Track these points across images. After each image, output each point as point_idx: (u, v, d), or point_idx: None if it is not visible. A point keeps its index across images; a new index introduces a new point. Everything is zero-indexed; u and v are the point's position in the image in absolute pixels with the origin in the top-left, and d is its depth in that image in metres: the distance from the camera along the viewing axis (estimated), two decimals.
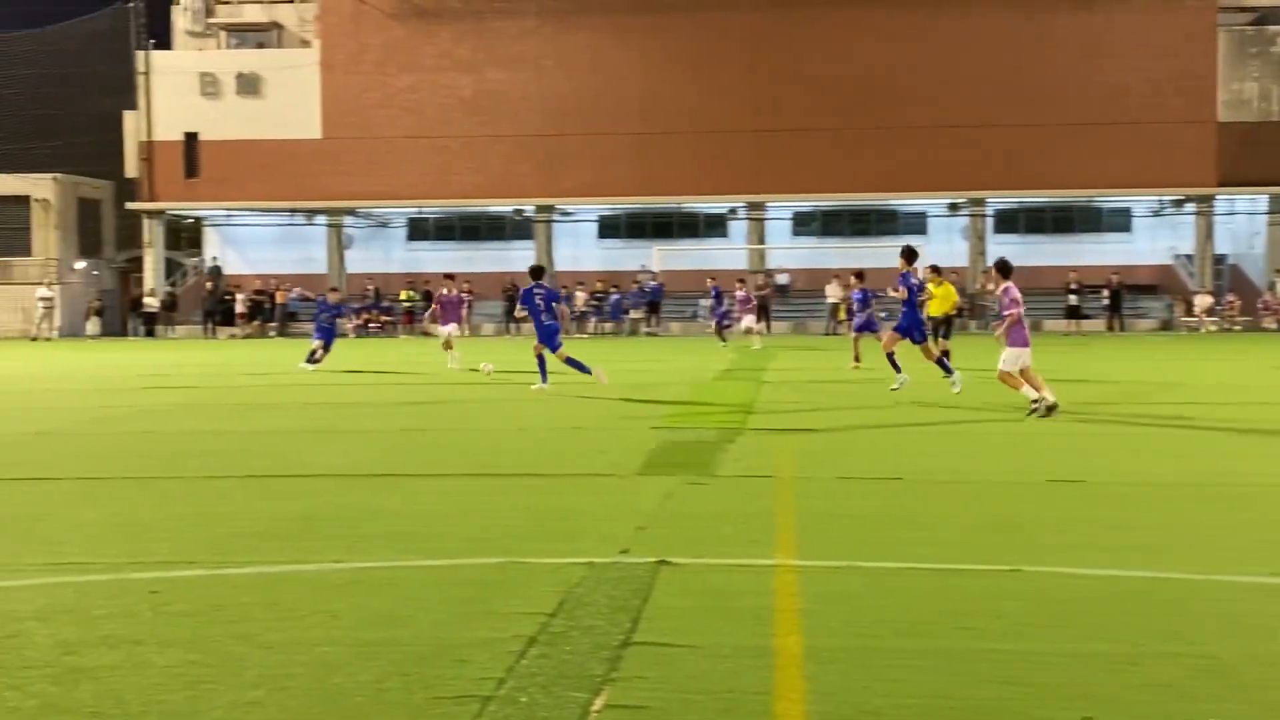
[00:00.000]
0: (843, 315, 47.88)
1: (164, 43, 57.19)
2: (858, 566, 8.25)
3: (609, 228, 57.61)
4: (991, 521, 9.88)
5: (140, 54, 55.50)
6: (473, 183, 54.28)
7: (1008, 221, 56.89)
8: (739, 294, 38.51)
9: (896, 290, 20.86)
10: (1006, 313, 17.30)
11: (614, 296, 52.73)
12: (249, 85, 54.71)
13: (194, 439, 16.07)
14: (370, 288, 54.20)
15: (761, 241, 55.82)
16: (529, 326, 22.76)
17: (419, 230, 58.11)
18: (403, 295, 53.35)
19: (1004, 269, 17.90)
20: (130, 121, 55.31)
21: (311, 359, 28.48)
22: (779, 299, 53.85)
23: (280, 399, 21.82)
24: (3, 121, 58.40)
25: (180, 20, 57.49)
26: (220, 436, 16.33)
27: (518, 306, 22.72)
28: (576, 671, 6.08)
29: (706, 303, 54.33)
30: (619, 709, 5.60)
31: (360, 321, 52.14)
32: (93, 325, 52.57)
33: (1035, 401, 16.90)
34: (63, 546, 9.19)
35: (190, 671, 6.16)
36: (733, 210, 56.19)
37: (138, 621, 7.08)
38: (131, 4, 56.07)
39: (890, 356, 20.92)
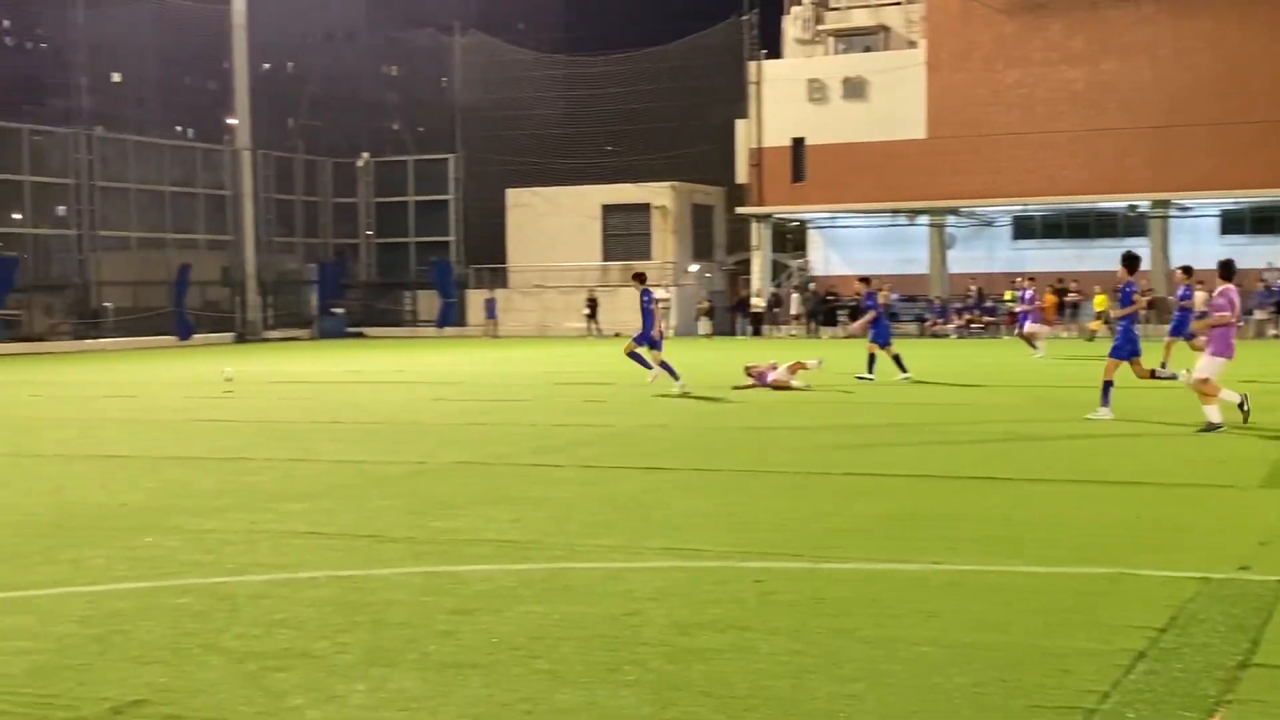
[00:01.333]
0: None
1: (774, 52, 59.31)
2: None
3: (1232, 222, 54.00)
4: None
5: (752, 64, 57.86)
6: (1082, 178, 52.57)
7: None
8: (1025, 294, 35.34)
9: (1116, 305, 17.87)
10: (1218, 314, 15.71)
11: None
12: (855, 89, 55.72)
13: (793, 435, 16.58)
14: (973, 288, 53.79)
15: None
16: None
17: (1024, 229, 56.96)
18: (1006, 295, 52.58)
19: (1225, 271, 16.01)
20: (741, 130, 57.76)
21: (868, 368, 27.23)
22: None
23: (863, 397, 22.06)
24: (629, 134, 62.73)
25: (790, 29, 59.36)
26: (817, 432, 16.73)
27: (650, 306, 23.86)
28: (1187, 690, 5.76)
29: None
30: None
31: (963, 322, 51.87)
32: (703, 325, 55.30)
33: (1212, 426, 15.49)
34: (677, 533, 9.75)
35: (793, 661, 6.35)
36: None
37: (744, 608, 7.39)
38: (745, 17, 58.58)
39: (1108, 385, 17.59)
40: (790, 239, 63.05)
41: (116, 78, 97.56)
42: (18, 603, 7.80)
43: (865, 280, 28.07)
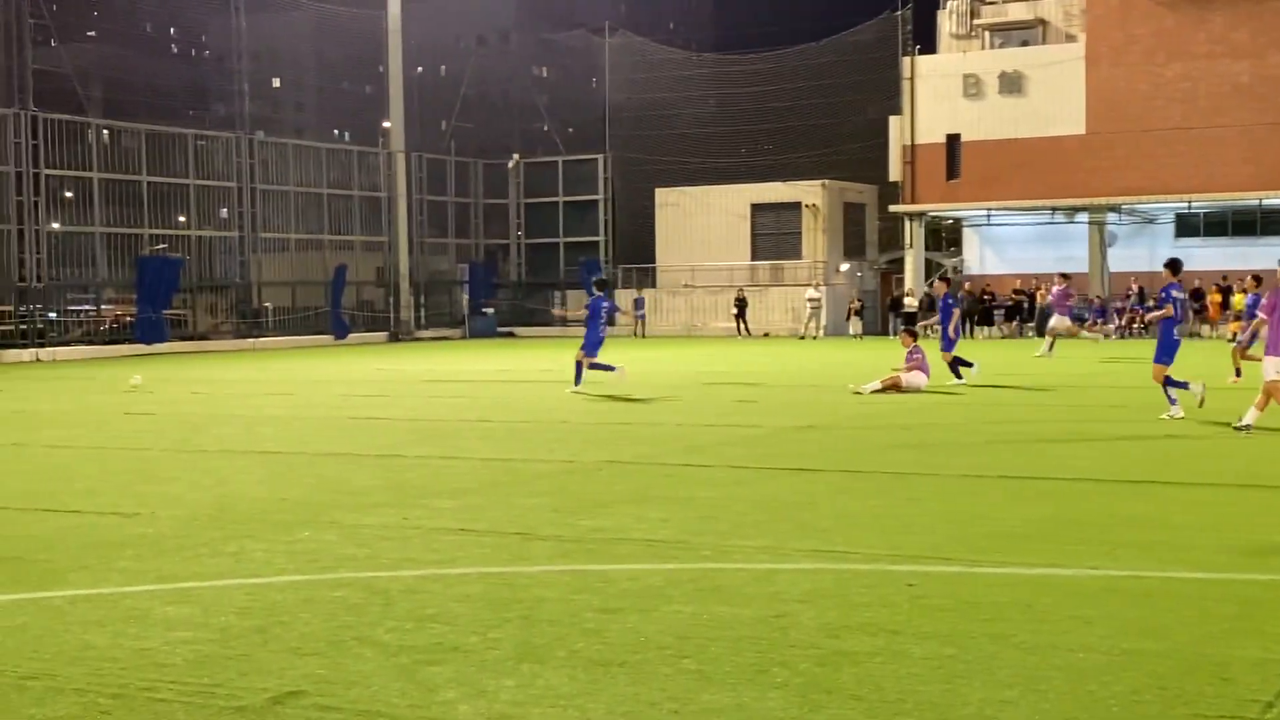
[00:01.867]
0: None
1: (929, 47, 58.60)
2: None
3: None
4: None
5: (906, 60, 57.20)
6: (1248, 174, 51.02)
7: None
8: (1055, 290, 33.83)
9: (1160, 309, 17.88)
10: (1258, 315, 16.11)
11: None
12: (1011, 84, 54.78)
13: (944, 435, 16.34)
14: (1135, 286, 52.52)
15: None
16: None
17: (1187, 226, 55.44)
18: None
19: None
20: (895, 126, 57.12)
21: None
22: None
23: (1027, 400, 21.66)
24: (779, 132, 62.47)
25: (945, 24, 58.57)
26: (968, 433, 16.47)
27: (609, 313, 24.84)
28: None
29: None
30: None
31: (1123, 322, 50.68)
32: (854, 325, 54.79)
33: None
34: (827, 535, 9.67)
35: (945, 665, 6.26)
36: None
37: (895, 612, 7.30)
38: (899, 12, 57.97)
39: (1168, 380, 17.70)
40: (945, 237, 62.20)
41: (276, 83, 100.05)
42: (181, 593, 8.04)
43: (946, 280, 27.67)
